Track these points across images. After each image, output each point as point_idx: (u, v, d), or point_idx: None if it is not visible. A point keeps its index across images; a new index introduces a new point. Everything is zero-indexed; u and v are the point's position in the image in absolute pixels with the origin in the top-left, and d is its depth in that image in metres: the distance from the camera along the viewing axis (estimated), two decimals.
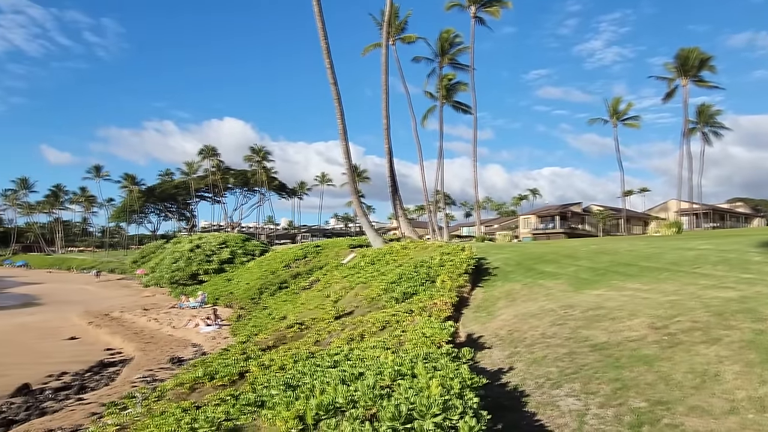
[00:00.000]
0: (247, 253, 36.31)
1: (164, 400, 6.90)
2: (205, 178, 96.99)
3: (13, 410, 10.27)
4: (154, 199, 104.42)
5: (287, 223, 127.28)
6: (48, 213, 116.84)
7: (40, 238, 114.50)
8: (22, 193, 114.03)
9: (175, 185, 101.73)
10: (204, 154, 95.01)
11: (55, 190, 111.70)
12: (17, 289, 48.36)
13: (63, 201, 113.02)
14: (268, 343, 9.92)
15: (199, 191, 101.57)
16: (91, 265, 74.85)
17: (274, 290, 22.44)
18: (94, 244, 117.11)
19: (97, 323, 21.50)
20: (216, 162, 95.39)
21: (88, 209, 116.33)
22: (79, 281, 56.24)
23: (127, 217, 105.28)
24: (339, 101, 24.14)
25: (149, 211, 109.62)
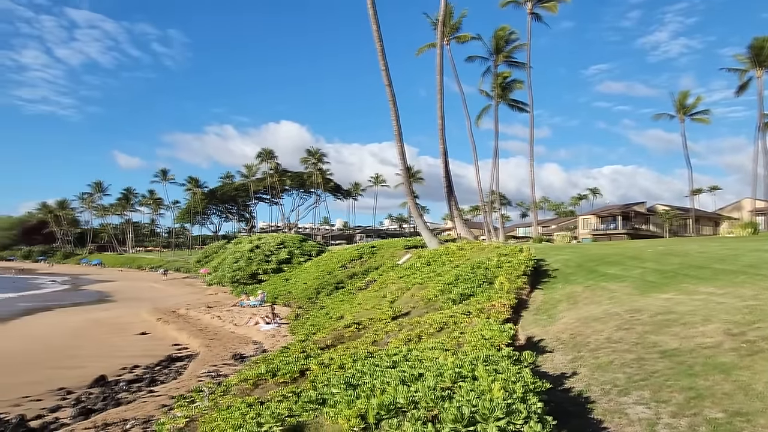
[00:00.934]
0: (304, 253, 37.08)
1: (229, 395, 7.15)
2: (263, 180, 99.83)
3: (91, 400, 10.97)
4: (215, 201, 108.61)
5: (342, 224, 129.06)
6: (120, 215, 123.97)
7: (113, 239, 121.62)
8: (97, 196, 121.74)
9: (235, 187, 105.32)
10: (262, 157, 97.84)
11: (126, 193, 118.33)
12: (92, 287, 51.58)
13: (133, 203, 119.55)
14: (327, 342, 10.09)
15: (257, 193, 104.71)
16: (159, 264, 78.73)
17: (330, 290, 22.80)
18: (161, 244, 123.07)
19: (165, 320, 22.58)
20: (273, 164, 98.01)
21: (156, 211, 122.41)
22: (147, 279, 59.30)
23: (191, 219, 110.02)
24: (394, 103, 24.24)
25: (211, 212, 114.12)
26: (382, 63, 23.88)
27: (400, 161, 25.59)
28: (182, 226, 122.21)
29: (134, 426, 8.62)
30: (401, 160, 25.47)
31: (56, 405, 10.71)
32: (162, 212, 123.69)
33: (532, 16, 42.69)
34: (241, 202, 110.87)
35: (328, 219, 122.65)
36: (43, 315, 28.58)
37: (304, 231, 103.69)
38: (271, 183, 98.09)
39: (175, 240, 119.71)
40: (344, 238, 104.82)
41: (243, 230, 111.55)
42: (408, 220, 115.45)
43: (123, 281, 57.10)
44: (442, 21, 31.84)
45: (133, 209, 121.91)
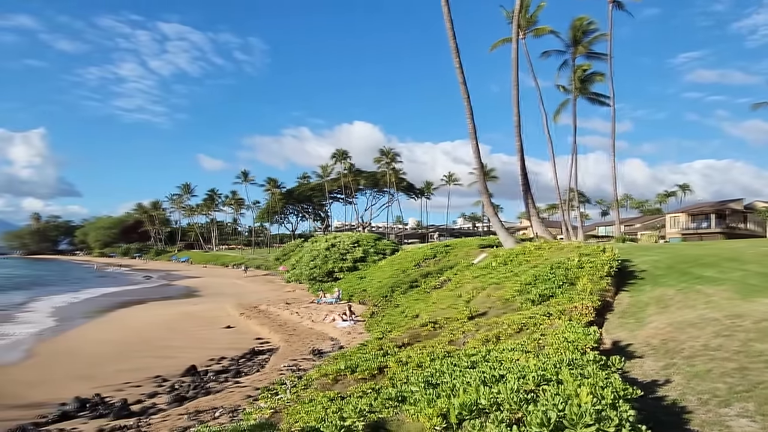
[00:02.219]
0: (379, 252, 37.49)
1: (311, 389, 7.39)
2: (337, 180, 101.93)
3: (184, 388, 11.71)
4: (293, 201, 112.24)
5: (415, 223, 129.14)
6: (205, 214, 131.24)
7: (199, 237, 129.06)
8: (185, 197, 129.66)
9: (311, 188, 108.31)
10: (336, 158, 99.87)
11: (211, 194, 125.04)
12: (181, 282, 55.00)
13: (217, 204, 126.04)
14: (403, 340, 10.15)
15: (332, 193, 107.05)
16: (241, 261, 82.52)
17: (405, 289, 22.91)
18: (243, 242, 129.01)
19: (247, 315, 23.66)
20: (347, 165, 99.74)
21: (238, 211, 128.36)
22: (230, 276, 62.35)
23: (270, 218, 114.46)
24: (468, 101, 23.96)
25: (289, 212, 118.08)
26: (456, 61, 23.66)
27: (475, 159, 25.24)
28: (262, 225, 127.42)
29: (222, 414, 9.10)
30: (476, 158, 25.12)
31: (153, 391, 11.55)
32: (243, 212, 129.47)
33: (614, 4, 40.59)
34: (317, 202, 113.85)
35: (401, 218, 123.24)
36: (139, 308, 30.85)
37: (378, 230, 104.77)
38: (345, 183, 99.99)
39: (255, 238, 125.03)
40: (417, 237, 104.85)
41: (318, 229, 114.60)
42: (482, 219, 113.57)
43: (208, 277, 60.41)
44: (517, 14, 31.05)
45: (217, 209, 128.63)
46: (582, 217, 52.85)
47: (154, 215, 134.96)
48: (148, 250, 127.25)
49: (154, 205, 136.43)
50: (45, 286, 45.59)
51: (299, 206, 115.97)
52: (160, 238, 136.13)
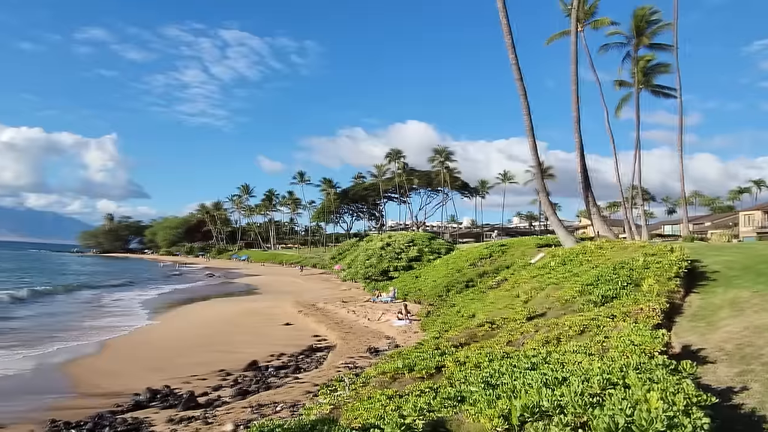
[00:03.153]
0: (433, 251, 37.33)
1: (369, 387, 7.47)
2: (391, 179, 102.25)
3: (246, 382, 12.14)
4: (347, 201, 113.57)
5: (470, 222, 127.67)
6: (263, 214, 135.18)
7: (258, 236, 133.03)
8: (245, 197, 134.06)
9: (365, 187, 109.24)
10: (390, 157, 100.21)
11: (269, 194, 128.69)
12: (241, 280, 56.90)
13: (275, 204, 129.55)
14: (460, 340, 10.09)
15: (386, 192, 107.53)
16: (298, 260, 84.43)
17: (460, 288, 22.72)
18: (299, 241, 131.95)
19: (305, 312, 24.19)
20: (401, 164, 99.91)
21: (294, 211, 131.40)
22: (287, 274, 63.90)
23: (325, 218, 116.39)
24: (525, 97, 23.44)
25: (344, 211, 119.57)
26: (512, 57, 23.21)
27: (532, 156, 24.69)
28: (317, 224, 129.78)
29: (283, 408, 9.37)
30: (533, 156, 24.56)
31: (218, 384, 12.03)
32: (300, 212, 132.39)
33: None
34: (371, 202, 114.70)
35: (455, 217, 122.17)
36: (203, 304, 32.18)
37: (432, 229, 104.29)
38: (399, 182, 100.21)
39: (311, 238, 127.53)
40: (472, 236, 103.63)
41: (373, 228, 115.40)
42: (538, 218, 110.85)
43: (267, 276, 62.16)
44: (576, 6, 30.09)
45: (275, 209, 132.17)
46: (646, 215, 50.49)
47: (216, 215, 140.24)
48: (211, 248, 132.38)
49: (216, 206, 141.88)
50: (116, 284, 48.36)
51: (354, 206, 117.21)
52: (221, 237, 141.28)
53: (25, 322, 22.72)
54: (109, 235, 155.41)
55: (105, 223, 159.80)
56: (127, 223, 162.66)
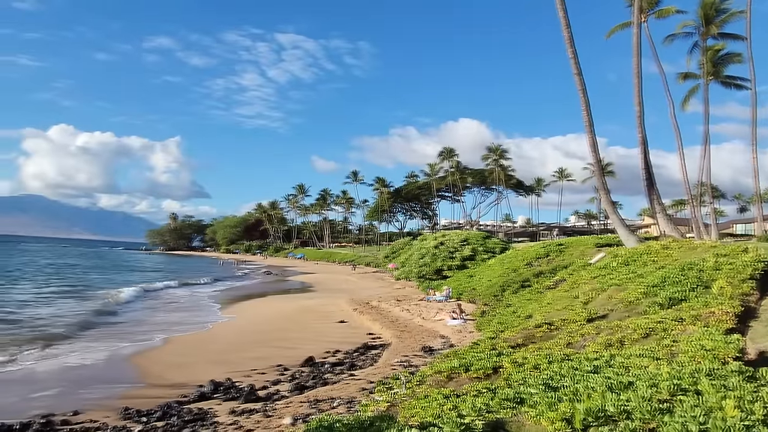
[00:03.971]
0: (488, 250, 36.83)
1: (425, 385, 7.47)
2: (444, 178, 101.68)
3: (303, 377, 12.41)
4: (400, 200, 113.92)
5: (525, 221, 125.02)
6: (318, 213, 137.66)
7: (313, 235, 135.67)
8: (300, 197, 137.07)
9: (418, 186, 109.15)
10: (443, 156, 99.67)
11: (323, 194, 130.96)
12: (296, 277, 58.15)
13: (329, 203, 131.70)
14: (517, 341, 9.92)
15: (439, 191, 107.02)
16: (351, 258, 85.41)
17: (516, 288, 22.31)
18: (353, 240, 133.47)
19: (360, 310, 24.45)
20: (454, 162, 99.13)
21: (348, 210, 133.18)
22: (341, 272, 64.78)
23: (378, 216, 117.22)
24: (584, 92, 22.71)
25: (397, 210, 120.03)
26: (570, 51, 22.54)
27: (591, 153, 23.88)
28: (371, 223, 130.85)
29: (340, 404, 9.52)
30: (592, 152, 23.75)
31: (276, 379, 12.37)
32: (353, 211, 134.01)
33: None
34: (424, 200, 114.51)
35: (509, 216, 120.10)
36: (260, 300, 33.14)
37: (486, 228, 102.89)
38: (452, 181, 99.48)
39: (364, 236, 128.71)
40: (527, 235, 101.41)
41: (426, 227, 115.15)
42: (597, 217, 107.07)
43: (321, 274, 63.24)
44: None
45: (329, 208, 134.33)
46: (715, 213, 47.69)
47: (272, 214, 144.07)
48: (268, 247, 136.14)
49: (272, 205, 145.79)
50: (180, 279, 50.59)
51: (407, 205, 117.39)
52: (278, 236, 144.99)
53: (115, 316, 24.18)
54: (174, 233, 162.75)
55: (170, 222, 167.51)
56: (190, 222, 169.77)
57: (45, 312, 23.87)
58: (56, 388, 11.75)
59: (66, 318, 22.14)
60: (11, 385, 11.96)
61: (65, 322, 21.11)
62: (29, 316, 22.25)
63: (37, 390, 11.61)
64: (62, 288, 36.17)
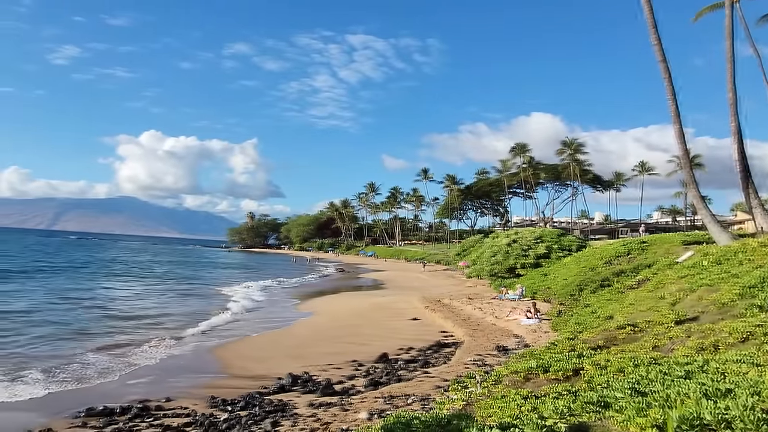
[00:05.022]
0: (563, 248, 35.58)
1: (501, 385, 7.36)
2: (516, 174, 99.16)
3: (377, 373, 12.58)
4: (471, 197, 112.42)
5: (602, 218, 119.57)
6: (388, 211, 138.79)
7: (384, 233, 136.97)
8: (370, 195, 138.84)
9: (489, 183, 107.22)
10: (515, 152, 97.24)
11: (393, 192, 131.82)
12: (368, 275, 58.95)
13: (399, 201, 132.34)
14: (598, 342, 9.52)
15: (511, 188, 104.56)
16: (422, 256, 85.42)
17: (594, 287, 21.39)
18: (423, 238, 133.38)
19: (432, 308, 24.41)
20: (527, 158, 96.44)
21: (418, 207, 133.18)
22: (412, 270, 64.93)
23: (449, 214, 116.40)
24: (669, 80, 21.35)
25: (467, 207, 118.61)
26: (653, 37, 21.26)
27: (678, 145, 22.42)
28: (441, 221, 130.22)
29: (414, 401, 9.56)
30: (679, 144, 22.29)
31: (352, 374, 12.62)
32: (423, 208, 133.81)
33: None
34: (496, 197, 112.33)
35: (586, 212, 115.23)
36: (333, 297, 33.92)
37: (560, 225, 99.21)
38: (524, 177, 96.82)
39: (435, 234, 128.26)
40: (605, 232, 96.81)
41: (498, 225, 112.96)
42: (684, 212, 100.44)
43: (392, 271, 63.71)
44: None
45: (399, 206, 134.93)
46: None
47: (344, 213, 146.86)
48: (339, 244, 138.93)
49: (344, 204, 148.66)
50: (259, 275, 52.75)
51: (477, 202, 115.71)
52: (349, 233, 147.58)
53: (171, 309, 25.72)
54: (251, 231, 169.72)
55: (247, 221, 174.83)
56: (266, 221, 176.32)
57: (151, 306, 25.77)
58: (150, 376, 12.65)
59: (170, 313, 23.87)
60: (112, 373, 12.99)
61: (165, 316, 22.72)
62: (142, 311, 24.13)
63: (134, 377, 12.56)
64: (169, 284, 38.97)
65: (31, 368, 12.70)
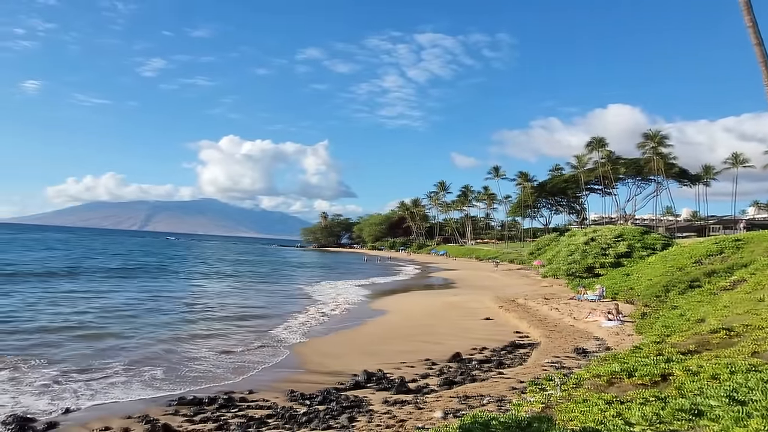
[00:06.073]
0: (647, 246, 33.70)
1: (582, 389, 7.10)
2: (594, 170, 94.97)
3: (451, 373, 12.52)
4: (545, 194, 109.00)
5: (690, 214, 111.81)
6: (459, 210, 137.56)
7: (455, 232, 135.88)
8: (441, 194, 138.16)
9: (564, 179, 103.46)
10: (592, 146, 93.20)
11: (464, 190, 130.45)
12: (439, 274, 58.70)
13: (470, 199, 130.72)
14: (688, 346, 8.95)
15: (588, 184, 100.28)
16: (494, 255, 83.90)
17: (683, 288, 20.11)
18: (495, 236, 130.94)
19: (505, 308, 23.95)
20: (605, 153, 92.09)
21: (490, 206, 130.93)
22: (483, 269, 63.92)
23: (521, 212, 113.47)
24: (766, 65, 19.62)
25: (541, 205, 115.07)
26: (747, 19, 19.61)
27: None
28: (513, 219, 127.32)
29: (490, 402, 9.43)
30: None
31: (425, 373, 12.65)
32: (495, 207, 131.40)
33: None
34: (571, 194, 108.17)
35: (671, 209, 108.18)
36: (405, 295, 34.08)
37: (642, 222, 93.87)
38: (602, 172, 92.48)
39: (507, 233, 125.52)
40: (693, 229, 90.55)
41: (574, 223, 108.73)
42: None
43: (463, 270, 63.03)
44: None
45: (470, 205, 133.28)
46: None
47: (415, 212, 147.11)
48: (411, 243, 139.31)
49: (415, 203, 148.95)
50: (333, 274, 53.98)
51: (552, 199, 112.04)
52: (420, 232, 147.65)
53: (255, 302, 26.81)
54: (324, 231, 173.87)
55: (321, 221, 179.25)
56: (339, 221, 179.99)
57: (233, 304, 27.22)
58: (234, 369, 13.31)
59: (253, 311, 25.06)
60: (200, 365, 13.80)
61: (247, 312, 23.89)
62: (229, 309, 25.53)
63: (219, 368, 13.27)
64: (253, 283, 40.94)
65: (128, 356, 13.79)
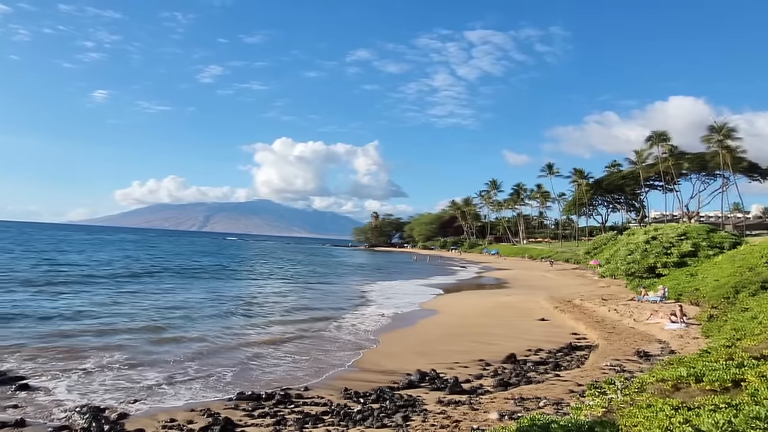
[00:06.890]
0: (713, 245, 31.99)
1: (646, 393, 6.83)
2: (654, 165, 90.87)
3: (506, 374, 12.34)
4: (601, 192, 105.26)
5: (760, 211, 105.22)
6: (512, 208, 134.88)
7: (507, 230, 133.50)
8: (492, 192, 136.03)
9: (622, 176, 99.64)
10: (652, 141, 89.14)
11: (517, 188, 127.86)
12: (491, 273, 57.89)
13: (523, 198, 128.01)
14: (762, 351, 8.44)
15: (648, 180, 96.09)
16: (548, 254, 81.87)
17: (755, 290, 18.93)
18: (549, 235, 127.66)
19: (561, 308, 23.34)
20: (667, 147, 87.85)
21: (543, 204, 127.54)
22: (537, 269, 62.50)
23: (576, 210, 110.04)
24: None
25: (597, 203, 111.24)
26: None
27: None
28: (568, 217, 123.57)
29: (546, 405, 9.23)
30: None
31: (479, 373, 12.52)
32: (549, 205, 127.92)
33: None
34: (629, 191, 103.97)
35: (740, 205, 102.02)
36: (456, 295, 33.84)
37: (708, 220, 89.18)
38: (664, 168, 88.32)
39: (561, 231, 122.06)
40: (764, 227, 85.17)
41: (632, 221, 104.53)
42: None
43: (516, 270, 61.87)
44: None
45: (523, 203, 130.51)
46: None
47: (466, 211, 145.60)
48: (462, 243, 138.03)
49: (466, 202, 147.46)
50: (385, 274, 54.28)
51: (609, 197, 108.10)
52: (471, 232, 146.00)
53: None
54: (375, 230, 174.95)
55: (371, 221, 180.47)
56: (389, 220, 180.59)
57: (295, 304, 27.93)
58: (291, 367, 13.62)
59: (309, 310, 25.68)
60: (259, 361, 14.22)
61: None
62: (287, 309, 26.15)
63: (276, 367, 13.62)
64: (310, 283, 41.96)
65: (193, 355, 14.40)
